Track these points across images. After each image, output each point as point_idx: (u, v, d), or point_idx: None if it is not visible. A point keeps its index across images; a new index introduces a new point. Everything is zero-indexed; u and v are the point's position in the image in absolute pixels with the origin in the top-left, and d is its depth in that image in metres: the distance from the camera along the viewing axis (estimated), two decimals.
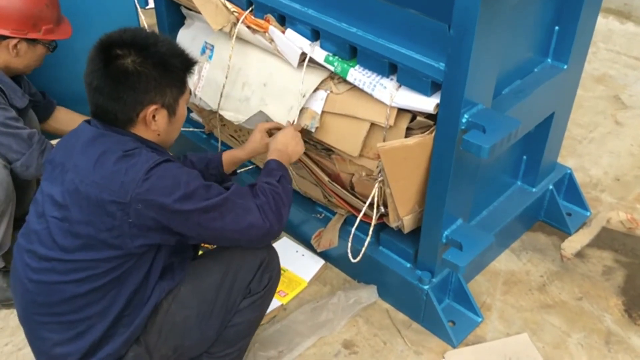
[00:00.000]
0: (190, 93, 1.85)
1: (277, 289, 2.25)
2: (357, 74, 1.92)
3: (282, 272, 2.35)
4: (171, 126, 1.70)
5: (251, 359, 2.06)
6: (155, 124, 1.65)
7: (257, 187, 1.73)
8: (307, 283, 2.33)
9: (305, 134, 2.09)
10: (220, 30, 2.19)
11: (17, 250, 1.72)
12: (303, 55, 2.03)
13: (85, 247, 1.57)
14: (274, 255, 1.86)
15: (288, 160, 1.93)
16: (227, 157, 2.05)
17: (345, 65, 1.94)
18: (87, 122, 1.68)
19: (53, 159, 1.68)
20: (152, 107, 1.62)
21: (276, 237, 1.77)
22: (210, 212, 1.59)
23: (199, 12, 2.23)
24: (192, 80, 2.39)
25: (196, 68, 2.34)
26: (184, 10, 2.47)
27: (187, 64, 1.70)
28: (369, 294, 2.26)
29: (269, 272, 1.83)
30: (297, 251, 2.45)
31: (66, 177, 1.60)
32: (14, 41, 2.15)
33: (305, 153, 2.21)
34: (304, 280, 2.34)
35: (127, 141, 1.61)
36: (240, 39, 2.21)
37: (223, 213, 1.61)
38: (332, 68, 1.97)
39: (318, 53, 1.99)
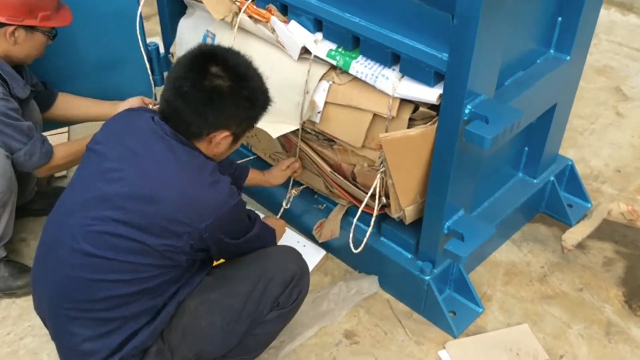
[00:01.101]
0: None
1: None
2: (359, 67, 1.91)
3: None
4: (227, 151, 1.74)
5: None
6: (218, 147, 1.67)
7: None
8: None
9: (309, 124, 2.09)
10: (222, 19, 2.18)
11: (51, 245, 1.68)
12: (304, 48, 2.02)
13: (138, 252, 1.57)
14: (305, 271, 1.87)
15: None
16: (251, 175, 2.25)
17: (347, 59, 1.93)
18: (151, 118, 1.66)
19: (102, 151, 1.65)
20: (225, 134, 1.65)
21: None
22: (248, 243, 1.75)
23: (201, 1, 2.22)
24: None
25: None
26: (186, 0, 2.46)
27: (267, 102, 1.73)
28: (370, 284, 2.27)
29: (299, 287, 1.83)
30: (298, 242, 2.45)
31: (128, 179, 1.57)
32: (11, 28, 2.13)
33: (307, 143, 2.21)
34: None
35: (199, 158, 1.63)
36: (242, 28, 2.20)
37: (254, 244, 1.79)
38: (334, 62, 1.96)
39: (320, 49, 1.99)
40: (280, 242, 2.44)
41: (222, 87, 1.58)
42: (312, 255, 2.39)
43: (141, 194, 1.55)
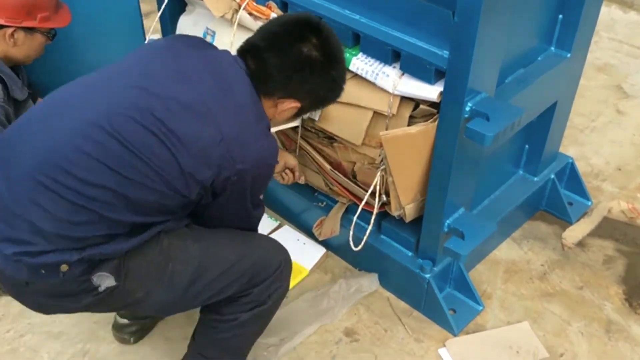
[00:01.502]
0: None
1: None
2: (360, 63, 1.91)
3: None
4: (279, 123, 1.72)
5: (253, 348, 2.06)
6: (280, 114, 1.66)
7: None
8: (308, 272, 2.33)
9: (309, 122, 2.09)
10: (222, 17, 2.17)
11: (65, 106, 1.51)
12: None
13: (163, 160, 1.46)
14: (288, 269, 1.80)
15: None
16: None
17: (348, 55, 1.93)
18: (228, 52, 1.63)
19: (171, 47, 1.60)
20: (294, 104, 1.64)
21: None
22: (248, 211, 1.67)
23: None
24: None
25: None
26: None
27: (341, 92, 1.72)
28: (370, 282, 2.27)
29: (279, 283, 1.76)
30: (298, 239, 2.45)
31: (191, 86, 1.50)
32: (10, 30, 2.12)
33: (307, 141, 2.20)
34: (306, 268, 2.34)
35: (261, 109, 1.59)
36: (242, 26, 2.19)
37: (246, 222, 1.74)
38: None
39: None
40: (279, 239, 2.44)
41: (316, 60, 1.57)
42: (312, 253, 2.39)
43: (197, 107, 1.48)
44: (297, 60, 1.57)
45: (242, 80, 1.57)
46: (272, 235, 2.44)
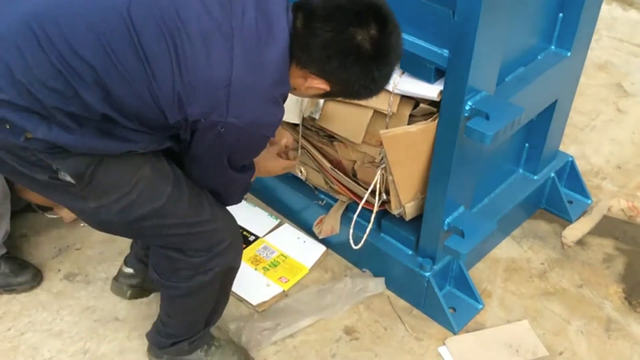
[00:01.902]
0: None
1: (279, 275, 2.28)
2: None
3: (283, 258, 2.37)
4: (305, 93, 1.59)
5: (248, 329, 2.08)
6: (305, 90, 1.54)
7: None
8: (308, 269, 2.34)
9: (309, 120, 2.09)
10: None
11: None
12: None
13: (168, 62, 1.37)
14: (234, 251, 1.76)
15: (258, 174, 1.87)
16: None
17: None
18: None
19: None
20: (324, 86, 1.50)
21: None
22: (225, 170, 1.55)
23: None
24: None
25: None
26: None
27: (374, 93, 1.59)
28: (376, 284, 2.26)
29: (222, 259, 1.71)
30: (298, 237, 2.46)
31: (234, 16, 1.39)
32: None
33: (307, 139, 2.20)
34: (305, 266, 2.35)
35: (286, 73, 1.46)
36: None
37: (229, 184, 1.66)
38: None
39: None
40: (279, 236, 2.46)
41: (365, 51, 1.42)
42: (312, 251, 2.40)
43: (221, 35, 1.37)
44: (346, 44, 1.42)
45: (281, 36, 1.43)
46: (272, 234, 2.47)
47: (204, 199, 1.67)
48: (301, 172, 2.30)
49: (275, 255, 2.39)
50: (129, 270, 2.13)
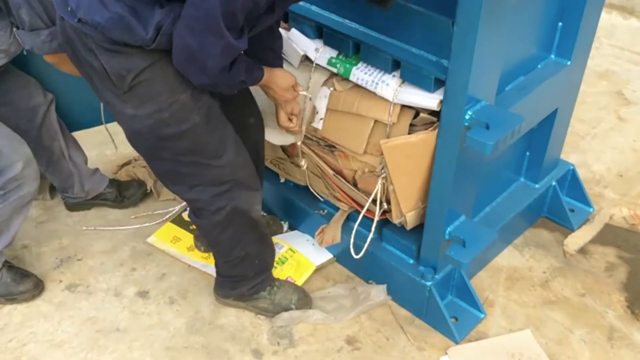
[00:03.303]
0: None
1: (286, 275, 2.30)
2: (360, 74, 1.92)
3: (292, 253, 2.38)
4: None
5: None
6: None
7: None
8: (315, 267, 2.34)
9: (311, 130, 2.10)
10: None
11: None
12: (304, 55, 2.03)
13: None
14: (246, 199, 1.94)
15: (267, 82, 1.86)
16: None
17: (348, 66, 1.94)
18: None
19: None
20: None
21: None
22: (209, 21, 1.52)
23: None
24: None
25: None
26: None
27: None
28: (378, 292, 2.25)
29: (231, 201, 1.90)
30: (307, 240, 2.47)
31: None
32: None
33: (309, 147, 2.20)
34: (312, 263, 2.35)
35: None
36: None
37: (207, 34, 1.54)
38: (335, 70, 1.97)
39: (321, 57, 1.99)
40: (289, 238, 2.47)
41: None
42: (320, 254, 2.41)
43: None
44: None
45: None
46: (282, 235, 2.51)
47: (228, 138, 1.83)
48: (302, 163, 2.29)
49: (284, 250, 2.40)
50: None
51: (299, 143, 2.18)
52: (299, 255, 2.38)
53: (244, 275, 2.13)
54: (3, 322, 2.20)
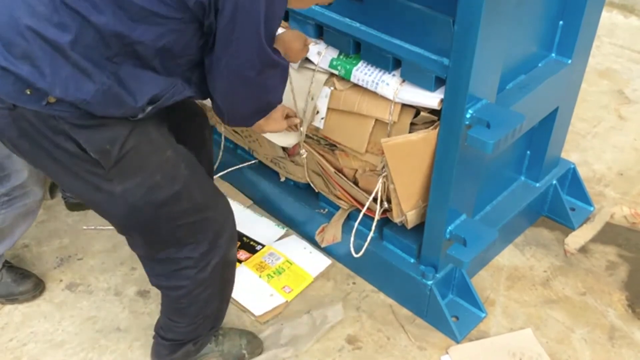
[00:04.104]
0: None
1: (283, 284, 2.28)
2: (359, 74, 1.91)
3: (288, 264, 2.37)
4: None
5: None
6: None
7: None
8: (313, 278, 2.33)
9: (312, 129, 2.09)
10: None
11: None
12: (305, 57, 2.03)
13: None
14: (230, 243, 1.78)
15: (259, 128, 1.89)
16: None
17: (349, 67, 1.93)
18: None
19: None
20: None
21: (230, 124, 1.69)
22: (258, 59, 1.45)
23: None
24: None
25: None
26: None
27: None
28: (334, 313, 2.21)
29: (219, 252, 1.73)
30: (304, 248, 2.46)
31: None
32: None
33: (310, 146, 2.20)
34: (310, 275, 2.34)
35: None
36: None
37: (263, 72, 1.49)
38: (336, 72, 1.97)
39: (322, 60, 1.99)
40: (286, 246, 2.45)
41: None
42: (318, 262, 2.40)
43: None
44: None
45: None
46: (279, 242, 2.48)
47: (211, 184, 1.72)
48: (302, 152, 2.25)
49: (281, 262, 2.38)
50: None
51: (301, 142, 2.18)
52: (296, 267, 2.37)
53: (199, 334, 1.91)
54: (3, 322, 2.20)
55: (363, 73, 1.91)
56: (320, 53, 2.00)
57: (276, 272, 2.34)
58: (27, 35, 1.33)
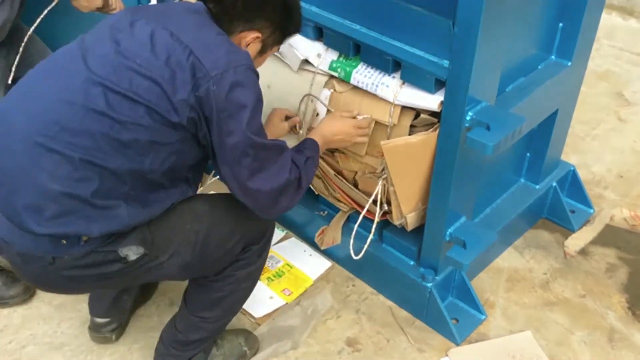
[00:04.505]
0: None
1: (283, 287, 2.28)
2: (359, 77, 1.91)
3: (288, 268, 2.36)
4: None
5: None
6: (247, 49, 1.67)
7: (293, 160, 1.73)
8: (312, 281, 2.33)
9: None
10: None
11: (61, 66, 1.57)
12: (304, 60, 2.03)
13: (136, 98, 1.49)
14: (269, 240, 1.89)
15: (326, 145, 1.95)
16: None
17: (348, 69, 1.93)
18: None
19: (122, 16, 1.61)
20: (255, 34, 1.66)
21: (271, 216, 1.81)
22: (253, 150, 1.58)
23: None
24: None
25: None
26: None
27: (299, 24, 1.77)
28: (323, 300, 2.23)
29: (268, 244, 1.88)
30: (304, 251, 2.45)
31: (157, 28, 1.53)
32: None
33: None
34: (310, 278, 2.34)
35: (237, 46, 1.61)
36: None
37: (261, 161, 1.61)
38: (336, 74, 1.97)
39: (323, 63, 1.99)
40: (286, 249, 2.45)
41: None
42: (318, 265, 2.40)
43: (165, 40, 1.51)
44: None
45: (207, 24, 1.60)
46: (279, 245, 2.48)
47: (230, 200, 1.74)
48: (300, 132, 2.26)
49: (281, 265, 2.38)
50: (103, 320, 2.10)
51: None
52: (296, 270, 2.37)
53: (218, 332, 1.98)
54: (2, 324, 2.19)
55: (363, 75, 1.91)
56: (320, 55, 2.00)
57: (276, 275, 2.34)
58: (56, 198, 1.48)
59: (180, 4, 1.68)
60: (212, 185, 2.33)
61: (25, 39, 2.24)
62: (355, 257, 2.14)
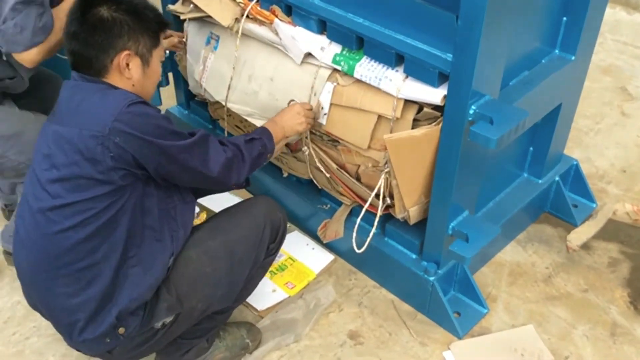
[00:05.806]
0: (165, 52, 1.94)
1: (286, 280, 2.30)
2: (363, 70, 1.91)
3: (291, 261, 2.37)
4: (145, 78, 1.73)
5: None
6: (129, 72, 1.68)
7: (226, 141, 1.83)
8: (315, 275, 2.34)
9: (315, 125, 2.09)
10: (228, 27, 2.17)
11: (18, 217, 1.75)
12: (308, 53, 2.03)
13: (74, 188, 1.60)
14: (285, 219, 2.00)
15: (280, 132, 2.00)
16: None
17: (352, 62, 1.93)
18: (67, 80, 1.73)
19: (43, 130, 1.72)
20: (125, 53, 1.66)
21: (233, 185, 1.87)
22: (185, 152, 1.66)
23: (207, 16, 2.22)
24: (197, 70, 2.39)
25: (201, 58, 2.34)
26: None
27: (159, 18, 1.76)
28: (326, 294, 2.25)
29: (284, 235, 2.00)
30: (307, 244, 2.46)
31: (49, 129, 1.66)
32: None
33: (313, 142, 2.20)
34: (313, 271, 2.34)
35: (103, 87, 1.66)
36: (246, 30, 2.20)
37: (199, 154, 1.70)
38: (339, 68, 1.97)
39: (325, 56, 1.99)
40: (289, 243, 2.44)
41: (101, 12, 1.64)
42: (320, 258, 2.40)
43: (57, 136, 1.62)
44: (88, 27, 1.63)
45: (77, 92, 1.66)
46: None
47: (243, 211, 1.93)
48: (305, 149, 2.26)
49: (284, 259, 2.39)
50: None
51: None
52: (298, 263, 2.38)
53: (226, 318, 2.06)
54: (6, 316, 2.20)
55: (366, 69, 1.90)
56: (324, 48, 2.00)
57: (279, 268, 2.35)
58: (79, 307, 1.65)
59: (64, 93, 1.71)
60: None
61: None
62: (357, 251, 2.14)
